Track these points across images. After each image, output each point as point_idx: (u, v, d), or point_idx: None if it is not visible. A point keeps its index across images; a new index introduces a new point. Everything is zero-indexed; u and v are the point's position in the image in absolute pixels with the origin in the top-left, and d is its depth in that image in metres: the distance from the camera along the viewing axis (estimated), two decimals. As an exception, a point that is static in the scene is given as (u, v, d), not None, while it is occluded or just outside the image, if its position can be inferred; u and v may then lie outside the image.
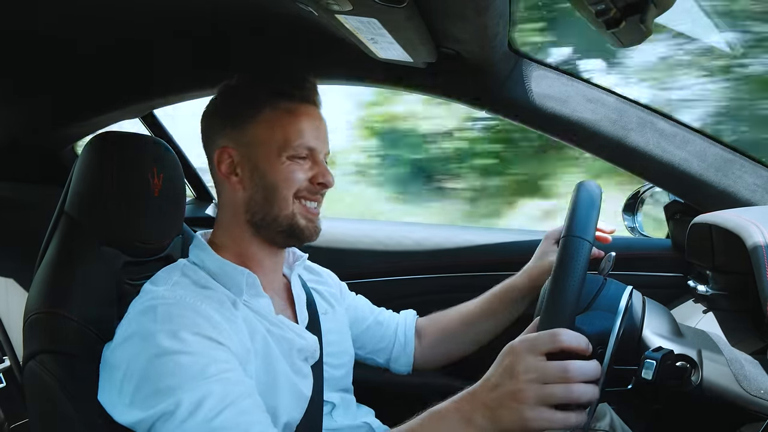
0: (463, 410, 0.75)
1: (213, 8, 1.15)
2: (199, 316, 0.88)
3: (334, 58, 1.35)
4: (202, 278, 0.97)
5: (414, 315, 1.32)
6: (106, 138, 1.07)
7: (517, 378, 0.71)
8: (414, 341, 1.28)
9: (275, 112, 0.99)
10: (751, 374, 0.83)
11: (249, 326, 0.95)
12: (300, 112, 1.01)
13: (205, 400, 0.81)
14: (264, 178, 0.99)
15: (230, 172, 1.01)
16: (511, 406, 0.71)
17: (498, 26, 1.07)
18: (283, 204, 0.99)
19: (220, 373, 0.84)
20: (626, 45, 0.94)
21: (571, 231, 0.77)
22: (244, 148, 1.00)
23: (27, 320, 0.97)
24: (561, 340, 0.71)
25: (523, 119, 1.32)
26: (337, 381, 1.12)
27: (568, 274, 0.74)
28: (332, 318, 1.18)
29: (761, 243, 0.84)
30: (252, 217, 1.01)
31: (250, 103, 1.00)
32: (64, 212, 1.06)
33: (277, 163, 0.98)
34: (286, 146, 0.98)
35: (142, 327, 0.87)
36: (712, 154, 1.24)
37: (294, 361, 1.00)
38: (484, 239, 1.63)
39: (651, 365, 0.78)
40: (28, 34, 1.21)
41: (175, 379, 0.82)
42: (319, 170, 1.01)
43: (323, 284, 1.24)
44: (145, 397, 0.82)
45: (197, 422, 0.80)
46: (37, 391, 0.94)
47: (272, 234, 1.01)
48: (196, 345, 0.85)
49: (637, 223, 1.55)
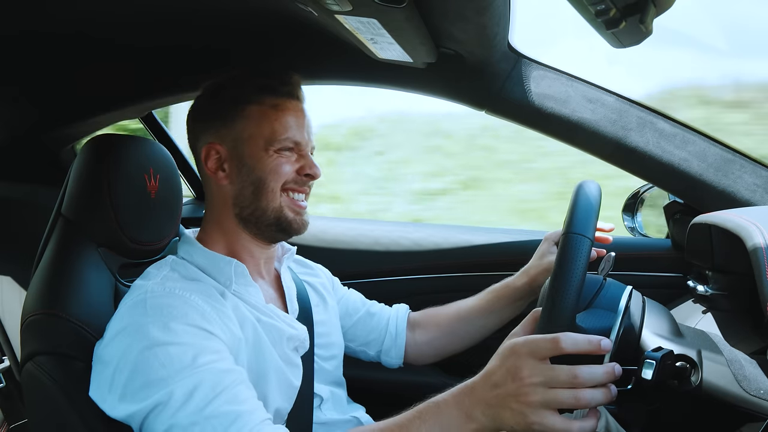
0: (463, 405, 0.74)
1: (213, 8, 1.15)
2: (189, 306, 0.89)
3: (334, 58, 1.36)
4: (191, 272, 0.99)
5: (406, 308, 1.32)
6: (101, 140, 1.07)
7: (522, 380, 0.70)
8: (406, 334, 1.28)
9: (261, 107, 1.02)
10: (751, 374, 0.83)
11: (238, 315, 0.96)
12: (285, 106, 1.03)
13: (196, 389, 0.81)
14: (251, 172, 1.01)
15: (217, 167, 1.03)
16: (514, 407, 0.70)
17: (498, 26, 1.07)
18: (271, 197, 1.01)
19: (211, 362, 0.84)
20: (626, 45, 0.94)
21: (571, 228, 0.77)
22: (230, 143, 1.02)
23: (24, 321, 0.97)
24: (562, 348, 0.69)
25: (523, 119, 1.32)
26: (327, 373, 1.13)
27: (569, 271, 0.74)
28: (323, 310, 1.19)
29: (761, 243, 0.84)
30: (241, 211, 1.02)
31: (236, 100, 1.02)
32: (61, 214, 1.06)
33: (264, 157, 1.00)
34: (272, 140, 1.00)
35: (132, 321, 0.88)
36: (712, 154, 1.24)
37: (284, 350, 1.01)
38: (483, 239, 1.63)
39: (651, 365, 0.77)
40: (28, 34, 1.21)
41: (167, 370, 0.82)
42: (305, 162, 1.03)
43: (315, 277, 1.25)
44: (136, 390, 0.83)
45: (190, 411, 0.81)
46: (35, 392, 0.93)
47: (261, 228, 1.03)
48: (186, 335, 0.86)
49: (637, 223, 1.55)
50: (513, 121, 1.34)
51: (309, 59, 1.39)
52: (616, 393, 0.71)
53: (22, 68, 1.39)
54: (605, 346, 0.70)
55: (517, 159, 4.42)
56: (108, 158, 1.04)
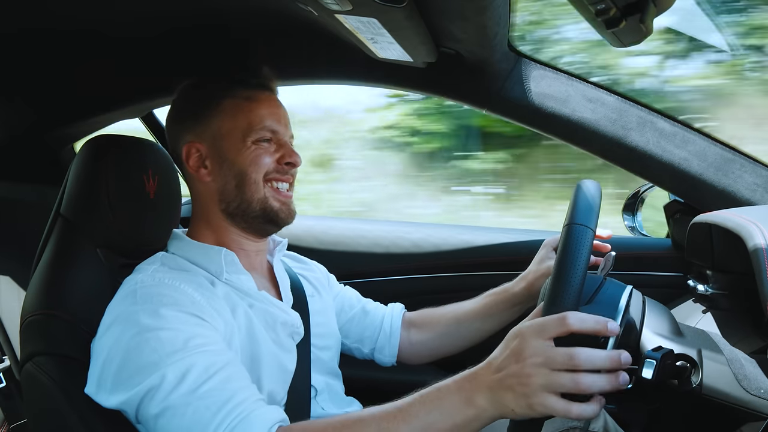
0: (464, 390, 0.73)
1: (212, 8, 1.15)
2: (179, 294, 0.90)
3: (334, 58, 1.35)
4: (181, 264, 1.00)
5: (401, 307, 1.32)
6: (100, 140, 1.07)
7: (524, 361, 0.69)
8: (400, 333, 1.28)
9: (235, 101, 1.03)
10: (751, 374, 0.83)
11: (230, 302, 0.96)
12: (258, 98, 1.05)
13: (189, 371, 0.81)
14: (233, 166, 1.02)
15: (199, 165, 1.04)
16: (515, 389, 0.69)
17: (498, 26, 1.07)
18: (255, 188, 1.02)
19: (203, 345, 0.85)
20: (626, 45, 0.94)
21: (574, 219, 0.76)
22: (209, 140, 1.03)
23: (24, 322, 0.97)
24: (569, 323, 0.68)
25: (523, 119, 1.32)
26: (323, 363, 1.13)
27: (572, 260, 0.73)
28: (318, 300, 1.19)
29: (761, 243, 0.84)
30: (227, 206, 1.03)
31: (210, 96, 1.04)
32: (60, 214, 1.06)
33: (243, 149, 1.01)
34: (249, 131, 1.02)
35: (123, 311, 0.88)
36: (712, 153, 1.24)
37: (277, 335, 1.01)
38: (484, 239, 1.63)
39: (651, 365, 0.77)
40: (28, 33, 1.21)
41: (158, 354, 0.82)
42: (285, 150, 1.04)
43: (310, 271, 1.26)
44: (128, 376, 0.83)
45: (182, 393, 0.81)
46: (34, 392, 0.93)
47: (248, 221, 1.04)
48: (176, 320, 0.86)
49: (637, 222, 1.55)
50: (513, 121, 1.34)
51: (309, 59, 1.38)
52: (627, 381, 0.69)
53: (22, 68, 1.39)
54: (612, 327, 0.69)
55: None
56: (107, 158, 1.04)
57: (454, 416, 0.73)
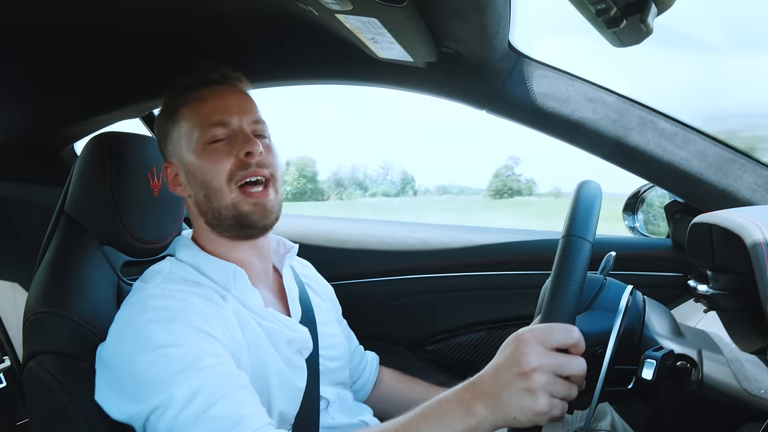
0: (464, 400, 0.72)
1: (212, 9, 1.15)
2: (190, 309, 0.89)
3: (334, 58, 1.35)
4: (191, 274, 0.98)
5: (376, 360, 1.30)
6: (105, 138, 1.07)
7: (528, 365, 0.67)
8: (373, 383, 1.27)
9: (187, 107, 1.02)
10: (752, 374, 0.83)
11: (239, 319, 0.95)
12: (207, 95, 1.02)
13: (197, 392, 0.81)
14: (196, 177, 1.00)
15: (176, 182, 1.03)
16: (516, 392, 0.68)
17: (498, 26, 1.07)
18: (220, 195, 0.98)
19: (213, 366, 0.84)
20: (626, 44, 0.94)
21: (572, 231, 0.76)
22: (176, 156, 1.03)
23: (26, 320, 0.97)
24: (575, 338, 0.68)
25: (524, 119, 1.32)
26: (332, 373, 1.11)
27: (569, 274, 0.73)
28: (326, 311, 1.18)
29: (761, 243, 0.84)
30: (206, 218, 1.02)
31: (168, 110, 1.04)
32: (63, 212, 1.06)
33: (201, 156, 0.99)
34: (201, 133, 0.99)
35: (134, 323, 0.88)
36: (712, 153, 1.24)
37: (286, 353, 1.00)
38: (488, 239, 1.63)
39: (651, 365, 0.77)
40: (28, 33, 1.21)
41: (167, 372, 0.82)
42: (239, 142, 0.98)
43: (314, 277, 1.24)
44: (138, 391, 0.83)
45: (190, 415, 0.80)
46: (37, 391, 0.93)
47: (226, 228, 1.01)
48: (187, 337, 0.85)
49: (637, 222, 1.55)
50: (514, 121, 1.34)
51: (309, 59, 1.38)
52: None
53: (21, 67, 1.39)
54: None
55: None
56: (111, 156, 1.04)
57: (454, 427, 0.72)
